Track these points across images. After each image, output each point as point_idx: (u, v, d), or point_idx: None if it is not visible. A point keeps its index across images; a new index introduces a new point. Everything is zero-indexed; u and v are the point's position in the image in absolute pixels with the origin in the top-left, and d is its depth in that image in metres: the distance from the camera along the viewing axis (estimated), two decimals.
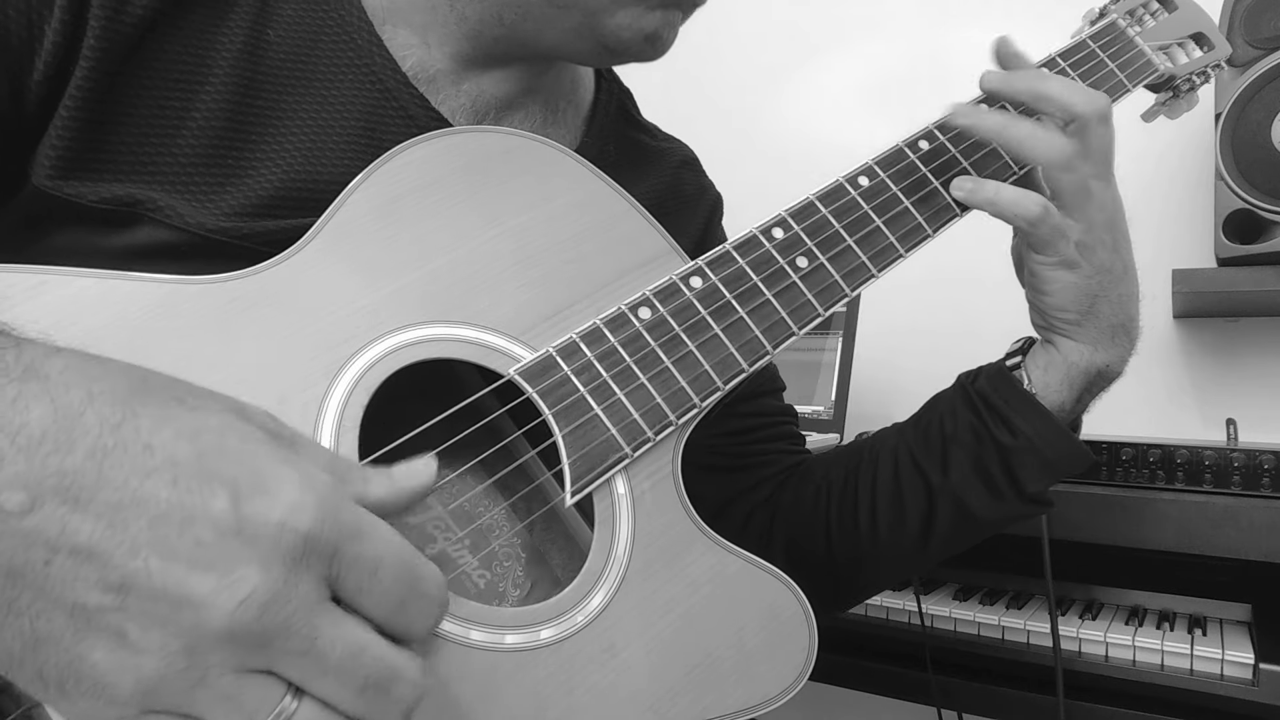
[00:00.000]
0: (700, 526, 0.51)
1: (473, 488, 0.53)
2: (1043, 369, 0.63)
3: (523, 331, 0.50)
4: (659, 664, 0.47)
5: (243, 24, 0.52)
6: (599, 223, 0.54)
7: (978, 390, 0.64)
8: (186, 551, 0.29)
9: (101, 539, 0.29)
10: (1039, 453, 0.62)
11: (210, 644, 0.29)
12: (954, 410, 0.65)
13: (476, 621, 0.44)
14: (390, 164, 0.50)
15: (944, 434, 0.65)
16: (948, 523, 0.64)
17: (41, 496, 0.29)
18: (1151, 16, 0.71)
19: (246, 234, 0.50)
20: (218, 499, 0.30)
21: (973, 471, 0.63)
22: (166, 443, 0.31)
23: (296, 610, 0.30)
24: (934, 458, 0.65)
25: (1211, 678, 0.82)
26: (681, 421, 0.51)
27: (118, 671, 0.29)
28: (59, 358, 0.32)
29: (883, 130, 0.75)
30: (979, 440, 0.63)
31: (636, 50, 0.58)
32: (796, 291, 0.56)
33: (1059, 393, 0.63)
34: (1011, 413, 0.62)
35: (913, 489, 0.65)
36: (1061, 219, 0.59)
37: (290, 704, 0.31)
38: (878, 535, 0.66)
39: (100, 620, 0.29)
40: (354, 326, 0.46)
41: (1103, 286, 0.61)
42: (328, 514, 0.31)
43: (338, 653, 0.31)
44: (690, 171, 0.76)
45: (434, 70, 0.59)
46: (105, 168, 0.48)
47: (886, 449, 0.68)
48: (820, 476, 0.71)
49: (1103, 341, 0.62)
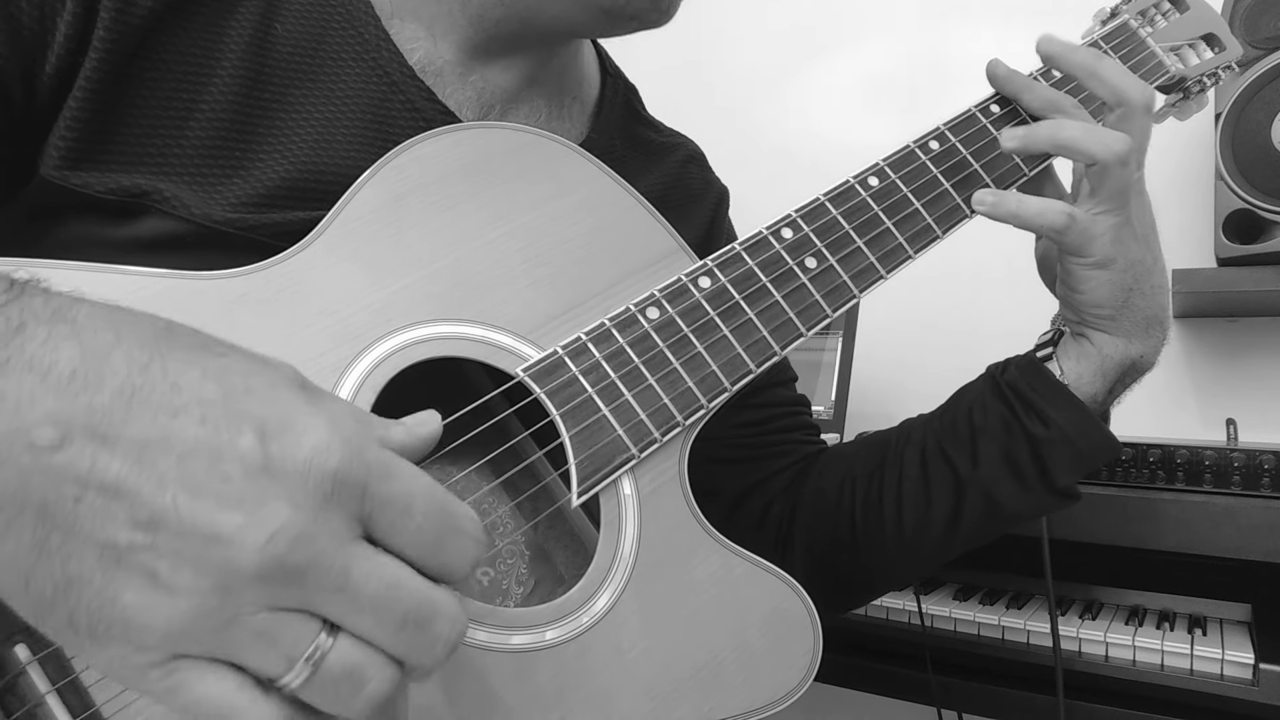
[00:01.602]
0: (706, 528, 0.51)
1: (479, 487, 0.53)
2: (1075, 360, 0.63)
3: (530, 330, 0.50)
4: (664, 665, 0.47)
5: (251, 17, 0.52)
6: (608, 221, 0.54)
7: (1008, 381, 0.64)
8: (214, 488, 0.29)
9: (130, 475, 0.29)
10: (1072, 444, 0.61)
11: (241, 581, 0.29)
12: (983, 402, 0.64)
13: (481, 622, 0.44)
14: (398, 160, 0.50)
15: (973, 425, 0.64)
16: (975, 516, 0.64)
17: (71, 433, 0.28)
18: (1163, 17, 0.71)
19: (253, 226, 0.50)
20: (245, 437, 0.30)
21: (1002, 463, 0.62)
22: (194, 382, 0.31)
23: (327, 546, 0.30)
24: (963, 450, 0.64)
25: (1211, 678, 0.82)
26: (689, 423, 0.51)
27: (149, 612, 0.28)
28: (86, 304, 0.32)
29: (886, 130, 0.75)
30: (1009, 432, 0.62)
31: (637, 11, 0.57)
32: (805, 292, 0.56)
33: (1092, 384, 0.62)
34: (1044, 404, 0.61)
35: (941, 482, 0.64)
36: (1090, 221, 0.58)
37: (326, 641, 0.30)
38: (903, 529, 0.66)
39: (130, 559, 0.28)
40: (361, 324, 0.46)
41: (1136, 280, 0.60)
42: (354, 453, 0.31)
43: (372, 588, 0.31)
44: (696, 166, 0.76)
45: (441, 63, 0.59)
46: (113, 158, 0.48)
47: (913, 442, 0.67)
48: (844, 469, 0.71)
49: (1137, 333, 0.62)
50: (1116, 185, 0.58)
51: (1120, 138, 0.57)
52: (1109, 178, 0.58)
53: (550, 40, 0.61)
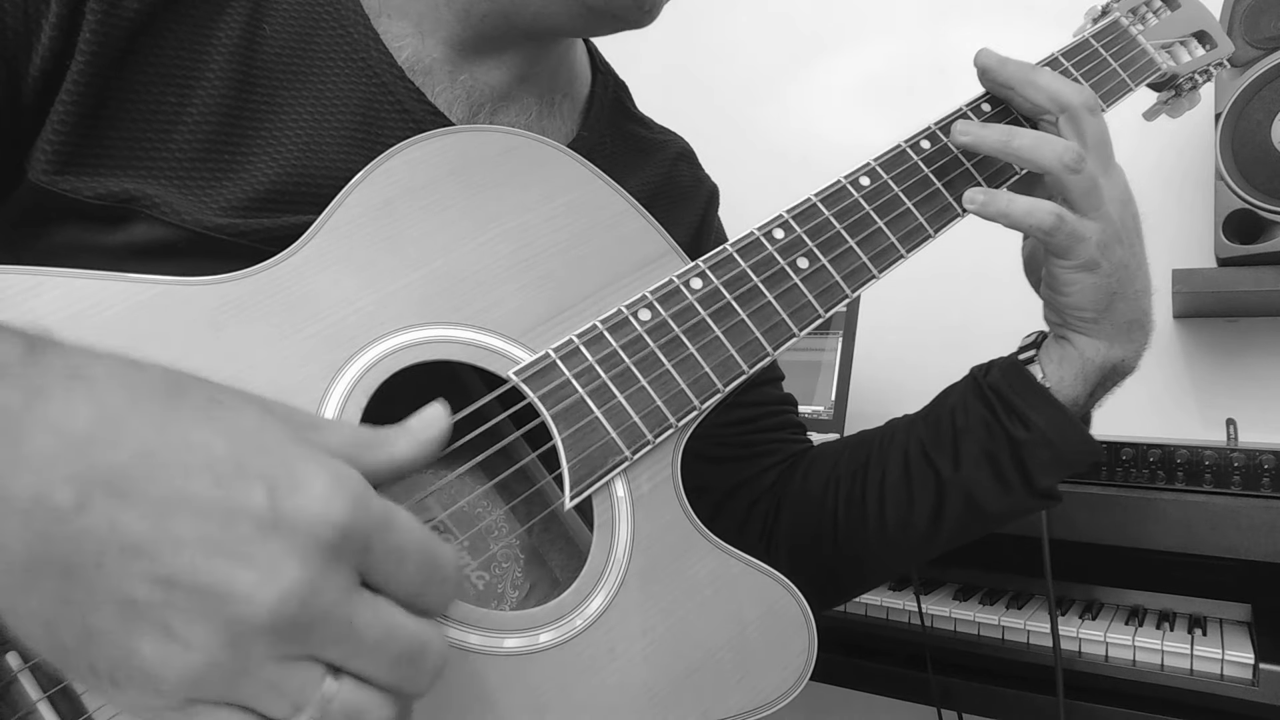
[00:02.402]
0: (700, 529, 0.51)
1: (472, 490, 0.53)
2: (1057, 363, 0.63)
3: (522, 333, 0.50)
4: (658, 667, 0.47)
5: (239, 18, 0.52)
6: (599, 223, 0.54)
7: (990, 383, 0.64)
8: (229, 547, 0.30)
9: (148, 535, 0.30)
10: (1052, 446, 0.61)
11: (253, 636, 0.30)
12: (965, 403, 0.65)
13: (475, 625, 0.44)
14: (388, 164, 0.50)
15: (955, 427, 0.64)
16: (956, 515, 0.64)
17: (91, 494, 0.30)
18: (1154, 14, 0.71)
19: (243, 231, 0.50)
20: (256, 495, 0.31)
21: (984, 465, 0.63)
22: (206, 441, 0.32)
23: (334, 599, 0.31)
24: (945, 451, 0.64)
25: (1211, 678, 0.82)
26: (681, 424, 0.51)
27: (164, 663, 0.30)
28: (101, 362, 0.33)
29: (883, 130, 0.75)
30: (990, 434, 0.63)
31: (620, 10, 0.57)
32: (797, 293, 0.55)
33: (1073, 387, 0.62)
34: (1025, 406, 0.62)
35: (923, 482, 0.65)
36: (1078, 223, 0.58)
37: (331, 686, 0.32)
38: (885, 527, 0.66)
39: (148, 614, 0.30)
40: (352, 328, 0.46)
41: (1120, 284, 0.60)
42: (359, 507, 0.32)
43: (374, 634, 0.32)
44: (686, 164, 0.76)
45: (429, 61, 0.59)
46: (101, 163, 0.48)
47: (897, 442, 0.68)
48: (829, 468, 0.71)
49: (1119, 338, 0.62)
50: (1078, 189, 0.58)
51: (1069, 146, 0.58)
52: (1065, 185, 0.58)
53: (537, 38, 0.61)
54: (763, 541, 0.72)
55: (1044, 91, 0.60)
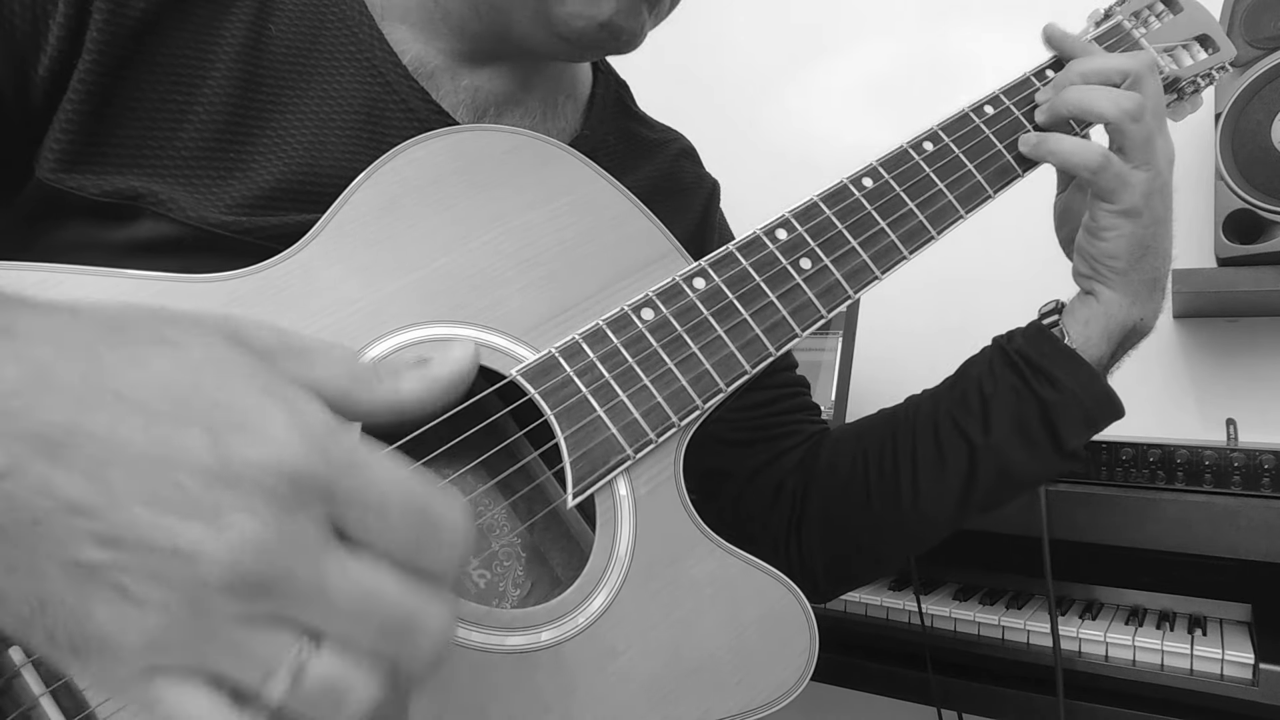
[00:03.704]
0: (702, 528, 0.51)
1: (474, 488, 0.53)
2: (1083, 323, 0.65)
3: (525, 332, 0.50)
4: (660, 666, 0.47)
5: (245, 17, 0.52)
6: (603, 223, 0.54)
7: (1016, 349, 0.66)
8: (171, 499, 0.28)
9: (86, 492, 0.28)
10: (1081, 403, 0.64)
11: (210, 594, 0.27)
12: (992, 371, 0.67)
13: (476, 623, 0.44)
14: (393, 162, 0.50)
15: (983, 395, 0.66)
16: (988, 481, 0.66)
17: (19, 455, 0.28)
18: (1156, 18, 0.71)
19: (249, 229, 0.50)
20: (195, 440, 0.28)
21: (1014, 429, 0.65)
22: (136, 386, 0.29)
23: (295, 555, 0.28)
24: (974, 418, 0.66)
25: (1211, 678, 0.82)
26: (684, 423, 0.51)
27: (121, 628, 0.28)
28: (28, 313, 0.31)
29: (884, 130, 0.75)
30: (1019, 398, 0.65)
31: (593, 40, 0.57)
32: (799, 293, 0.56)
33: (1098, 346, 0.65)
34: (1054, 368, 0.64)
35: (955, 451, 0.66)
36: (1124, 167, 0.61)
37: (305, 652, 0.29)
38: (919, 497, 0.67)
39: (99, 575, 0.27)
40: (355, 326, 0.46)
41: (1155, 238, 0.63)
42: (315, 449, 0.29)
43: (349, 595, 0.29)
44: (688, 161, 0.76)
45: (432, 66, 0.59)
46: (108, 160, 0.48)
47: (924, 414, 0.69)
48: (854, 445, 0.72)
49: (1141, 295, 0.65)
50: (1137, 138, 0.61)
51: (1130, 95, 0.62)
52: (1126, 134, 0.61)
53: (531, 54, 0.61)
54: (793, 522, 0.73)
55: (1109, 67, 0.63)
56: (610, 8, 0.55)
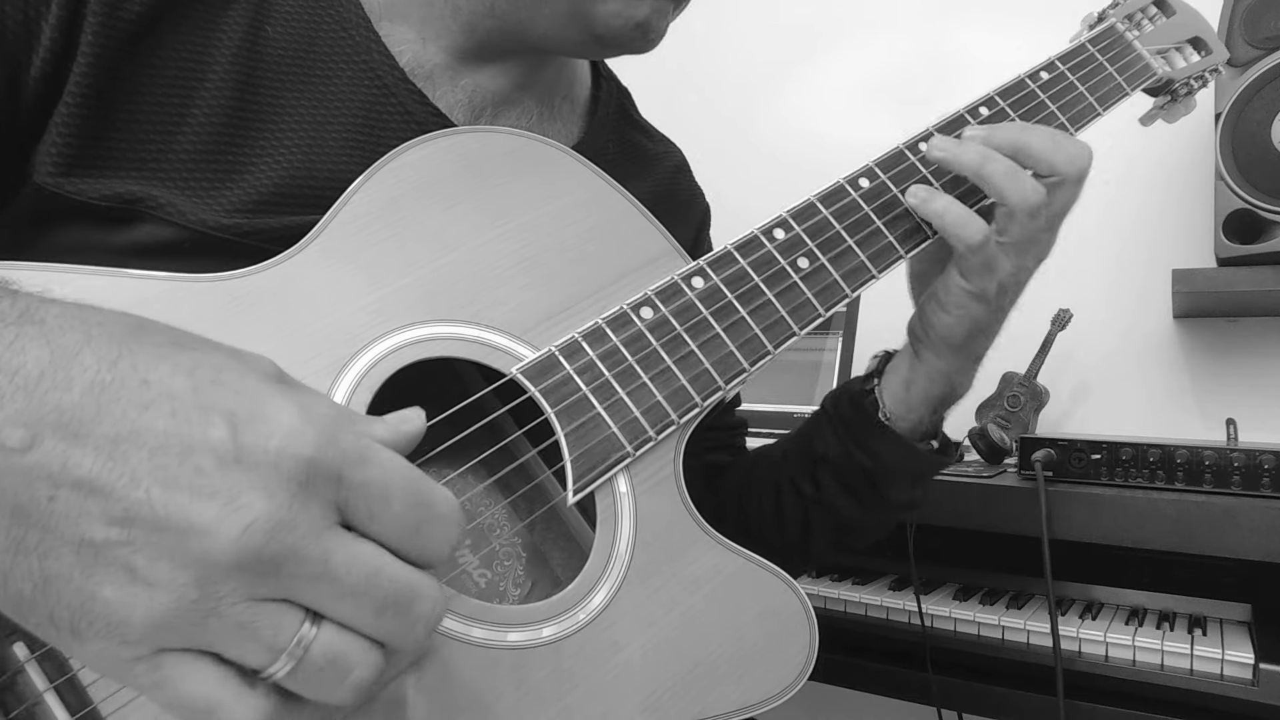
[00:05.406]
0: (702, 525, 0.51)
1: (474, 486, 0.53)
2: (904, 387, 0.66)
3: (525, 330, 0.50)
4: (660, 662, 0.48)
5: (241, 20, 0.52)
6: (602, 223, 0.54)
7: (840, 415, 0.68)
8: (188, 480, 0.29)
9: (102, 472, 0.29)
10: (903, 469, 0.66)
11: (220, 573, 0.29)
12: (821, 433, 0.69)
13: (478, 619, 0.44)
14: (393, 163, 0.50)
15: (814, 455, 0.69)
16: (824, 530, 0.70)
17: (41, 433, 0.29)
18: (1150, 21, 0.71)
19: (248, 231, 0.50)
20: (216, 428, 0.30)
21: (841, 487, 0.68)
22: (164, 377, 0.30)
23: (304, 535, 0.30)
24: (806, 475, 0.69)
25: (1211, 678, 0.82)
26: (683, 421, 0.51)
27: (128, 607, 0.28)
28: (55, 304, 0.32)
29: (882, 130, 0.76)
30: (848, 459, 0.67)
31: (627, 39, 0.58)
32: (797, 292, 0.56)
33: (918, 410, 0.66)
34: (870, 439, 0.66)
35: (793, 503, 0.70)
36: (997, 253, 0.59)
37: (309, 630, 0.30)
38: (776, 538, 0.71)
39: (108, 555, 0.28)
40: (356, 325, 0.46)
41: (991, 325, 0.63)
42: (327, 439, 0.31)
43: (353, 575, 0.31)
44: (685, 177, 0.77)
45: (430, 66, 0.59)
46: (107, 165, 0.48)
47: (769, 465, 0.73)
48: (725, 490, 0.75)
49: (966, 369, 0.65)
50: (1021, 233, 0.58)
51: (1038, 189, 0.58)
52: (1015, 223, 0.58)
53: (539, 52, 0.62)
54: None
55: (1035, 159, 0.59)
56: (648, 8, 0.56)
